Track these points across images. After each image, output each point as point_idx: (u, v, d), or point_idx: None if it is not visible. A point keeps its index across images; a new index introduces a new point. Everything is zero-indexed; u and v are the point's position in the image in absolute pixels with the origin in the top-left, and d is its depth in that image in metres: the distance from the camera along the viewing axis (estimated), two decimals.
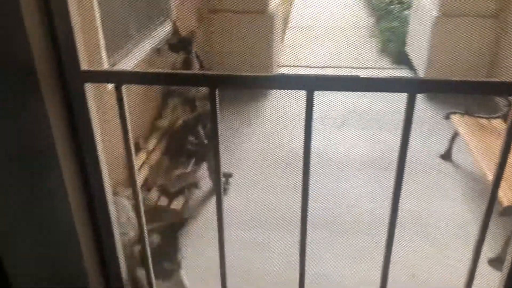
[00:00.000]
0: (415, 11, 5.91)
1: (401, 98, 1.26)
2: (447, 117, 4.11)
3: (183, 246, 2.79)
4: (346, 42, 6.97)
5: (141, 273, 2.17)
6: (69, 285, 1.24)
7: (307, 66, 6.23)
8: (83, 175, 1.34)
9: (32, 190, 1.08)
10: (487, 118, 3.91)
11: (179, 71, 1.09)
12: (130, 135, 1.33)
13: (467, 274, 1.60)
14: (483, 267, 2.73)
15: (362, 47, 6.80)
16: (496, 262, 2.76)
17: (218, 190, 1.41)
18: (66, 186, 1.23)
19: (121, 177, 2.87)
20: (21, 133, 1.05)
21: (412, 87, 1.17)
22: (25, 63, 1.09)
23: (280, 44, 6.33)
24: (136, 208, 1.48)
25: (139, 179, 3.02)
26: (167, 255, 2.57)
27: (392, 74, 5.95)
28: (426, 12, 5.21)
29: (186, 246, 3.15)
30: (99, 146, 1.30)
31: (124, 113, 1.27)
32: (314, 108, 1.25)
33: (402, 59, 6.17)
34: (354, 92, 1.22)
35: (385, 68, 6.10)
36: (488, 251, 2.82)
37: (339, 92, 1.25)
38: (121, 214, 2.60)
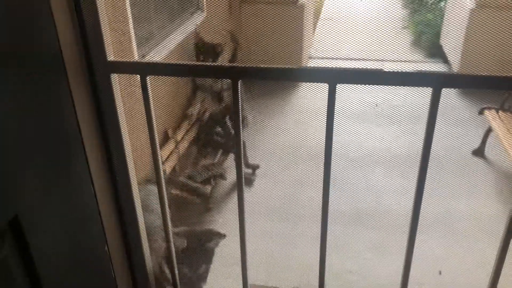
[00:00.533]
0: (451, 3, 5.76)
1: (429, 92, 1.23)
2: (480, 113, 4.01)
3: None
4: (378, 34, 6.85)
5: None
6: (92, 270, 1.27)
7: (338, 58, 6.16)
8: (108, 163, 1.37)
9: (58, 177, 1.11)
10: None
11: (202, 63, 1.11)
12: (155, 124, 1.36)
13: (492, 273, 1.57)
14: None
15: (395, 39, 6.68)
16: None
17: (240, 180, 1.42)
18: (92, 174, 1.26)
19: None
20: (48, 121, 1.09)
21: (437, 82, 1.15)
22: (53, 53, 1.12)
23: (311, 36, 6.28)
24: (160, 197, 1.51)
25: (168, 167, 3.07)
26: (195, 264, 2.52)
27: (425, 67, 5.82)
28: (462, 3, 5.07)
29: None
30: (125, 135, 1.33)
31: (149, 103, 1.29)
32: (340, 101, 1.24)
33: (435, 52, 6.03)
34: (380, 86, 1.21)
35: (418, 62, 5.97)
36: None
37: (363, 85, 1.24)
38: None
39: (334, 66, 1.19)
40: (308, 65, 5.72)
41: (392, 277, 1.78)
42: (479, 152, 4.05)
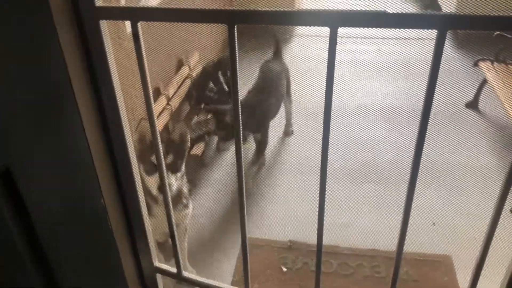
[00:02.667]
0: None
1: (427, 45, 1.19)
2: (475, 64, 3.97)
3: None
4: None
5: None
6: (88, 220, 1.25)
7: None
8: (101, 114, 1.32)
9: (49, 127, 1.07)
10: None
11: (196, 8, 1.04)
12: (148, 74, 1.30)
13: (490, 223, 1.57)
14: (506, 216, 2.70)
15: None
16: None
17: (238, 137, 1.39)
18: (84, 126, 1.22)
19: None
20: (37, 71, 1.03)
21: (442, 23, 1.10)
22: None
23: None
24: (157, 156, 1.47)
25: (159, 124, 3.02)
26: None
27: None
28: None
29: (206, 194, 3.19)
30: (116, 84, 1.28)
31: (141, 51, 1.23)
32: (337, 57, 1.19)
33: (430, 4, 5.94)
34: (378, 40, 1.16)
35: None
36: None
37: (363, 38, 1.19)
38: None
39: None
40: None
41: (388, 230, 1.80)
42: (472, 105, 4.05)
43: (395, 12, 1.09)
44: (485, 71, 3.76)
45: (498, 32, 3.87)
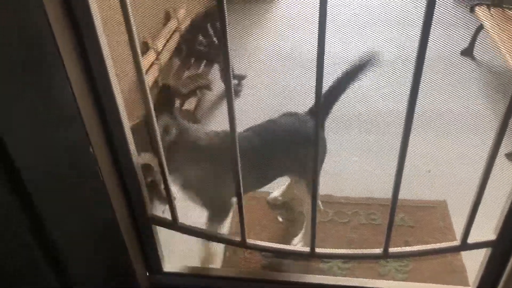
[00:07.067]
0: None
1: None
2: (471, 10, 3.87)
3: None
4: None
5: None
6: (79, 172, 1.23)
7: None
8: (86, 64, 1.27)
9: (32, 83, 1.03)
10: None
11: None
12: (134, 26, 1.25)
13: (484, 168, 1.58)
14: (501, 161, 2.70)
15: None
16: None
17: (229, 91, 1.37)
18: (70, 80, 1.18)
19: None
20: (17, 26, 0.99)
21: None
22: None
23: None
24: (146, 109, 1.44)
25: (149, 80, 2.95)
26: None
27: None
28: None
29: None
30: (100, 34, 1.23)
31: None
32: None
33: None
34: None
35: None
36: (506, 146, 2.79)
37: None
38: None
39: None
40: None
41: (383, 178, 1.79)
42: (468, 52, 3.99)
43: None
44: (481, 16, 3.68)
45: None
